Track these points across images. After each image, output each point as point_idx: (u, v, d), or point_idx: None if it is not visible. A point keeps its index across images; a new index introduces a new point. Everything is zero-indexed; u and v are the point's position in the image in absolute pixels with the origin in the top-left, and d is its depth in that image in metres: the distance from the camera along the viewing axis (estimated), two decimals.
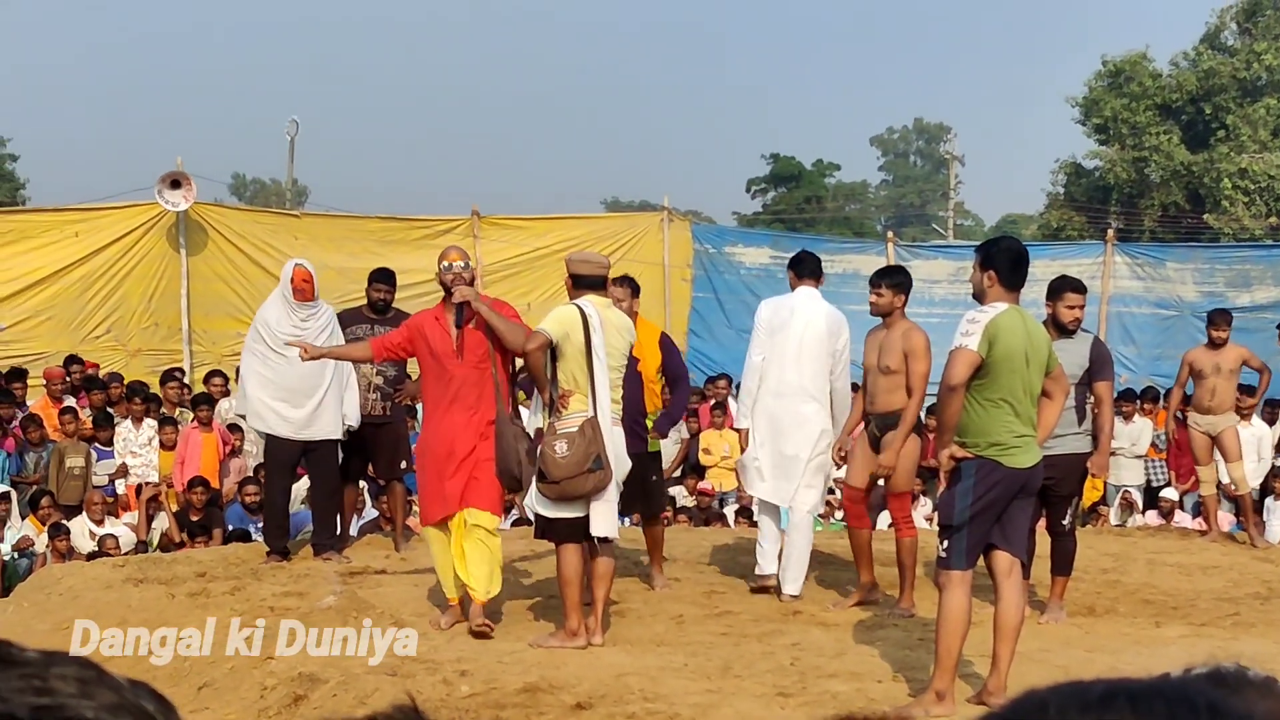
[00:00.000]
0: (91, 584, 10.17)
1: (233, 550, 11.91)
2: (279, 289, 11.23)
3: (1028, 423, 7.44)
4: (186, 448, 15.88)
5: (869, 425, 10.01)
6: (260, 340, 11.07)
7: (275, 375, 10.97)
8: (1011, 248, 7.64)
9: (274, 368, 10.97)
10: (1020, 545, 7.63)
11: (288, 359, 10.81)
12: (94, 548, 14.21)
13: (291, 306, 11.03)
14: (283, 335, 10.93)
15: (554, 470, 8.59)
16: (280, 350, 10.88)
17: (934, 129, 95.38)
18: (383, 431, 11.74)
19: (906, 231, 68.37)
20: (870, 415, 9.98)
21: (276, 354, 10.93)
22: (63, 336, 20.16)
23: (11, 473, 15.51)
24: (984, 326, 7.24)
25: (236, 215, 23.10)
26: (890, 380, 9.76)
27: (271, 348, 10.96)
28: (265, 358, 11.02)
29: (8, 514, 14.55)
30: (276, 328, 11.00)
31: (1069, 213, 44.55)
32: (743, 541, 12.45)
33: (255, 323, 11.29)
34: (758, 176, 72.93)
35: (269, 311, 11.19)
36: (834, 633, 9.37)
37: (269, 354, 11.00)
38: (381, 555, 11.54)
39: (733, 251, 24.78)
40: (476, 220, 22.78)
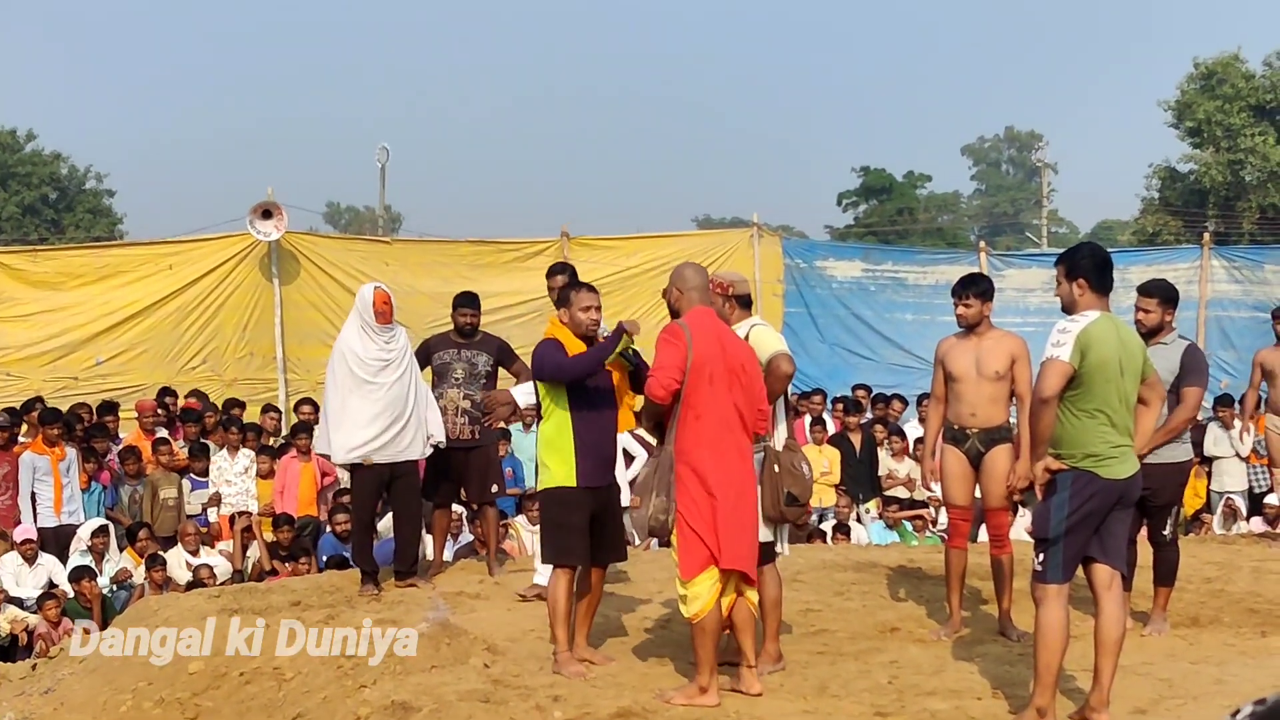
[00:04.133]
0: (187, 614, 10.15)
1: (327, 578, 11.89)
2: (355, 315, 11.07)
3: (1124, 432, 7.30)
4: (285, 477, 15.97)
5: (966, 442, 9.68)
6: (349, 371, 10.94)
7: (367, 403, 10.89)
8: (1095, 252, 7.52)
9: (367, 396, 10.91)
10: (1119, 557, 7.48)
11: (380, 384, 10.82)
12: (190, 578, 14.30)
13: (374, 330, 10.97)
14: (371, 361, 10.90)
15: (805, 491, 8.42)
16: (371, 378, 10.86)
17: (1025, 137, 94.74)
18: (473, 456, 11.67)
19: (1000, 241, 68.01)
20: (965, 430, 9.67)
21: (369, 382, 10.88)
22: (159, 369, 20.37)
23: (107, 505, 15.67)
24: (1075, 336, 7.12)
25: (328, 243, 23.24)
26: (996, 389, 9.51)
27: (362, 377, 10.89)
28: (358, 388, 10.89)
29: (106, 547, 14.68)
30: (365, 355, 10.95)
31: (1164, 217, 44.13)
32: (838, 559, 12.34)
33: (337, 354, 11.06)
34: (849, 190, 72.79)
35: (351, 340, 11.01)
36: (932, 650, 9.24)
37: (361, 384, 10.89)
38: (475, 580, 11.49)
39: (824, 265, 24.70)
40: (566, 241, 22.81)
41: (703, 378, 7.70)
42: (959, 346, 9.71)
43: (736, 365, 7.84)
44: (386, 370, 10.96)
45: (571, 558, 8.55)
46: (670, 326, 7.87)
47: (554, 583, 8.52)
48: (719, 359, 7.76)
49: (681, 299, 8.08)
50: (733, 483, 7.72)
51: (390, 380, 10.94)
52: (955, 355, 9.70)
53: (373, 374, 10.89)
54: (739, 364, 7.86)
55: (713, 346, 7.77)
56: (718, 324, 8.03)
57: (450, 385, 11.63)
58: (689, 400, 7.71)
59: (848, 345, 24.23)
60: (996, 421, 9.59)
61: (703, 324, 7.87)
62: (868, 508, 17.43)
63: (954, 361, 9.68)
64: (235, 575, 14.85)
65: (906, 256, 27.36)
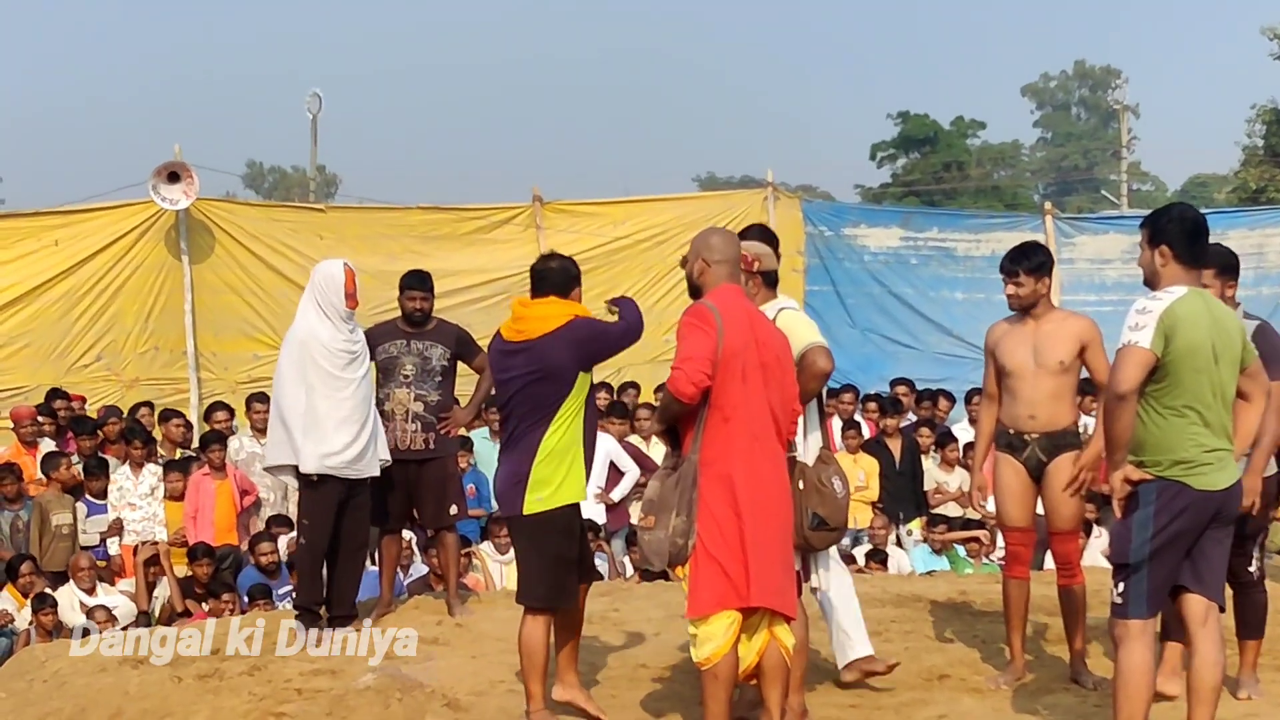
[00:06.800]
0: (82, 667, 10.19)
1: (253, 617, 11.90)
2: (317, 298, 10.99)
3: (1220, 433, 7.32)
4: (198, 498, 15.90)
5: (1024, 450, 9.61)
6: (314, 363, 10.86)
7: (334, 404, 10.87)
8: (1186, 215, 7.53)
9: (334, 394, 10.89)
10: (1217, 587, 7.51)
11: (349, 380, 10.89)
12: (85, 622, 14.26)
13: (342, 317, 10.97)
14: (340, 353, 10.91)
15: (836, 514, 8.43)
16: (340, 373, 10.89)
17: (1099, 74, 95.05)
18: (427, 470, 11.66)
19: (1070, 201, 68.21)
20: (1022, 435, 9.61)
21: (338, 378, 10.87)
22: (44, 367, 20.33)
23: None
24: (1158, 317, 7.12)
25: (248, 212, 23.22)
26: (1060, 382, 9.44)
27: (331, 372, 10.86)
28: (325, 384, 10.85)
29: None
30: (333, 345, 10.92)
31: (1271, 170, 44.14)
32: (874, 591, 12.32)
33: (298, 344, 10.96)
34: (884, 141, 72.96)
35: (317, 328, 10.95)
36: (989, 701, 9.26)
37: (329, 379, 10.86)
38: (432, 621, 11.50)
39: (854, 234, 24.70)
40: (539, 207, 22.78)
41: (734, 373, 7.66)
42: (1013, 334, 9.63)
43: (771, 358, 7.82)
44: (354, 365, 11.00)
45: (569, 598, 8.62)
46: (696, 309, 7.79)
47: (531, 629, 8.51)
48: (752, 350, 7.73)
49: (707, 273, 8.00)
50: (766, 500, 7.70)
51: (358, 377, 10.98)
52: (1009, 344, 9.61)
53: (341, 368, 10.91)
54: (774, 356, 7.84)
55: (745, 334, 7.73)
56: (749, 306, 8.01)
57: (398, 384, 11.62)
58: (717, 400, 7.67)
59: (883, 331, 24.25)
60: (1061, 424, 9.53)
61: (733, 306, 7.81)
62: (910, 529, 17.43)
63: (1008, 352, 9.61)
64: (141, 617, 14.81)
65: (955, 221, 27.25)
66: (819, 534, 8.38)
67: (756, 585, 7.59)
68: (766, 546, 7.64)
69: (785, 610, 7.79)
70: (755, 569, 7.59)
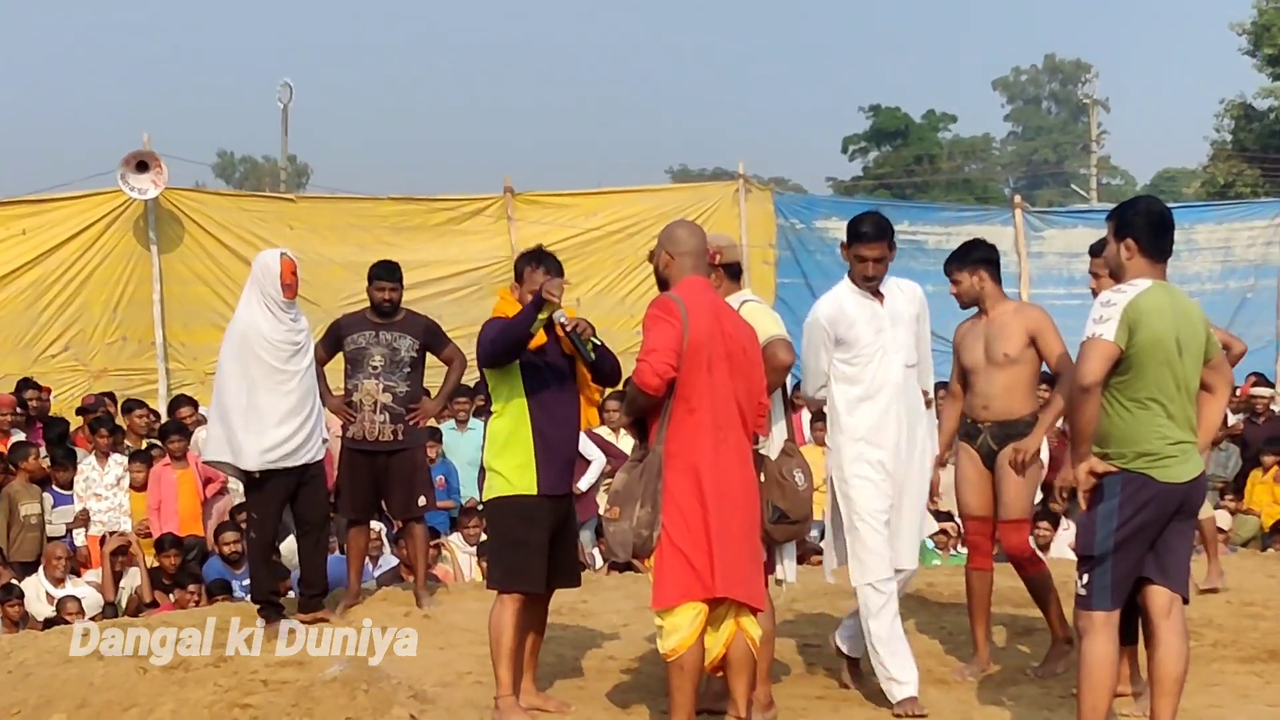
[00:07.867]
0: (48, 658, 10.16)
1: (218, 610, 11.89)
2: (254, 289, 10.96)
3: (1184, 426, 7.34)
4: (160, 489, 15.88)
5: (978, 438, 9.73)
6: (255, 356, 10.81)
7: (276, 397, 10.84)
8: (1152, 208, 7.55)
9: (277, 388, 10.85)
10: (1181, 579, 7.52)
11: (291, 373, 10.86)
12: (52, 613, 14.22)
13: (280, 307, 10.92)
14: (281, 345, 10.87)
15: (798, 507, 8.45)
16: (284, 365, 10.86)
17: (1070, 68, 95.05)
18: (395, 461, 11.68)
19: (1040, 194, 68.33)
20: (980, 425, 9.71)
21: (280, 370, 10.84)
22: (10, 357, 20.30)
23: None
24: (1122, 310, 7.14)
25: (217, 202, 23.18)
26: (1011, 375, 9.54)
27: (273, 365, 10.82)
28: (267, 378, 10.80)
29: None
30: (273, 337, 10.87)
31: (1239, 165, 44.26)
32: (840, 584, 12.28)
33: (238, 337, 10.92)
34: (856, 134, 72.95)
35: (256, 319, 10.89)
36: (956, 692, 9.27)
37: (271, 373, 10.83)
38: (400, 613, 11.50)
39: (826, 226, 24.67)
40: (510, 198, 22.78)
41: (699, 364, 7.68)
42: (972, 330, 9.80)
43: (737, 350, 7.84)
44: (297, 356, 10.96)
45: (527, 581, 8.58)
46: (661, 300, 7.82)
47: (499, 612, 8.53)
48: (718, 341, 7.75)
49: (672, 265, 8.03)
50: (731, 492, 7.72)
51: (301, 369, 10.96)
52: (968, 341, 9.79)
53: (283, 360, 10.87)
54: (740, 348, 7.86)
55: (711, 326, 7.75)
56: (715, 298, 8.03)
57: (367, 375, 11.62)
58: (682, 391, 7.69)
59: None
60: (1015, 414, 9.59)
61: (699, 298, 7.83)
62: None
63: (967, 349, 9.78)
64: (107, 608, 14.76)
65: (926, 214, 27.35)
66: (780, 527, 8.40)
67: (722, 576, 7.60)
68: (732, 538, 7.65)
69: (752, 601, 7.79)
70: (720, 560, 7.60)
